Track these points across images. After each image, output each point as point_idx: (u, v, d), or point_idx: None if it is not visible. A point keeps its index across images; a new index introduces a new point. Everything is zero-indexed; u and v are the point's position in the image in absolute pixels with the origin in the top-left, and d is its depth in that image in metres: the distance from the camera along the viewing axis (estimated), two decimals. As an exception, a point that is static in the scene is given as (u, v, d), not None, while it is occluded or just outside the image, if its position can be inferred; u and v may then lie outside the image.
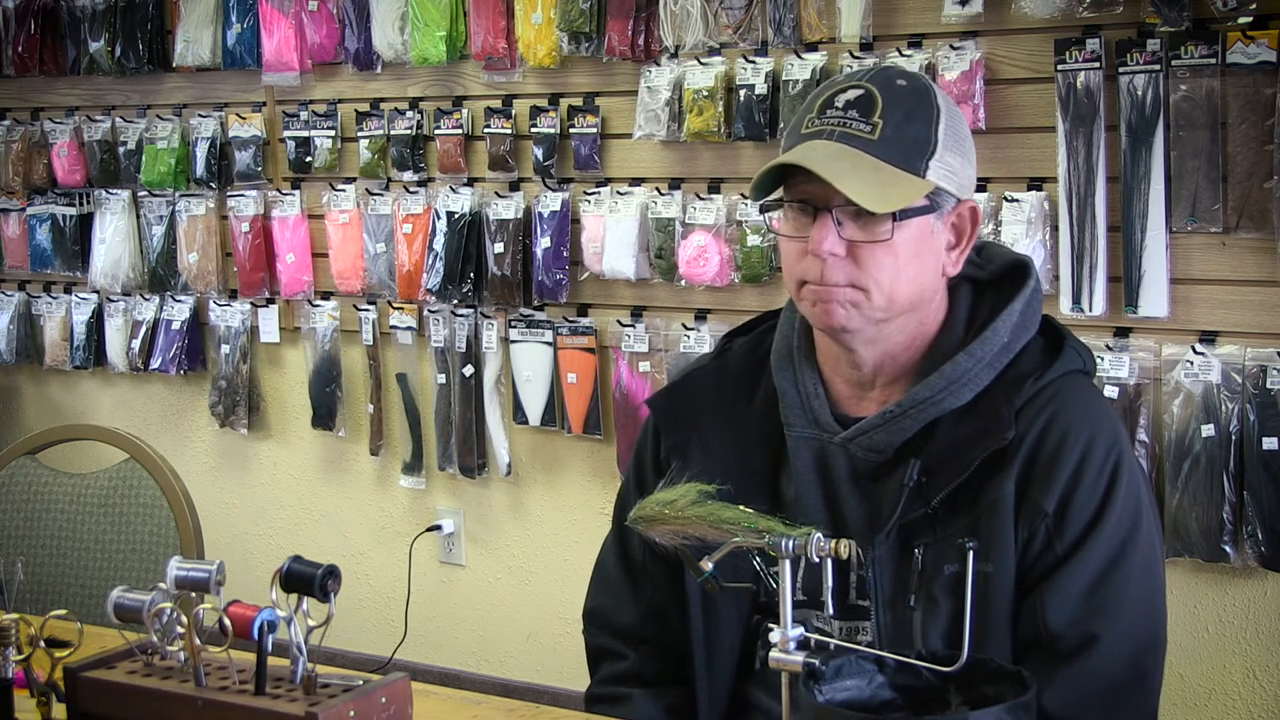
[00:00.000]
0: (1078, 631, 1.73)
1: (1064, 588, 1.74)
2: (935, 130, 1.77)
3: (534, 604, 4.12)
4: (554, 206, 3.83)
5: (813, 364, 1.90)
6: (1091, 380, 1.89)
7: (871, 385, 1.87)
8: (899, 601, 1.78)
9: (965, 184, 1.82)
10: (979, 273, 1.89)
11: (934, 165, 1.76)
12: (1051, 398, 1.79)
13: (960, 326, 1.85)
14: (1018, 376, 1.81)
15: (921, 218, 1.77)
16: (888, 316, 1.79)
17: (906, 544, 1.78)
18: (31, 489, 2.80)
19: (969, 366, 1.80)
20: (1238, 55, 2.95)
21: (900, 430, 1.81)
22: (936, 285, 1.84)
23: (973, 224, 1.84)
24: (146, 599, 1.74)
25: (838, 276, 1.77)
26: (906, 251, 1.77)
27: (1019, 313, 1.83)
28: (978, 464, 1.75)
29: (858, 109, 1.76)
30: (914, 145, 1.76)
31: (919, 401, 1.80)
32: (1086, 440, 1.77)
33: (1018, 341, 1.83)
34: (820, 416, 1.87)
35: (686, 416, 1.96)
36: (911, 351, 1.84)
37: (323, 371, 4.30)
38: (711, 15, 3.53)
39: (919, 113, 1.77)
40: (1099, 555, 1.74)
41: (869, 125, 1.75)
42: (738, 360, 1.99)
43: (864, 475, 1.83)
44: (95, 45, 4.46)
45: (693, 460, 1.90)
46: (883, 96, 1.76)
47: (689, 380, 2.01)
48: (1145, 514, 1.79)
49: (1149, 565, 1.79)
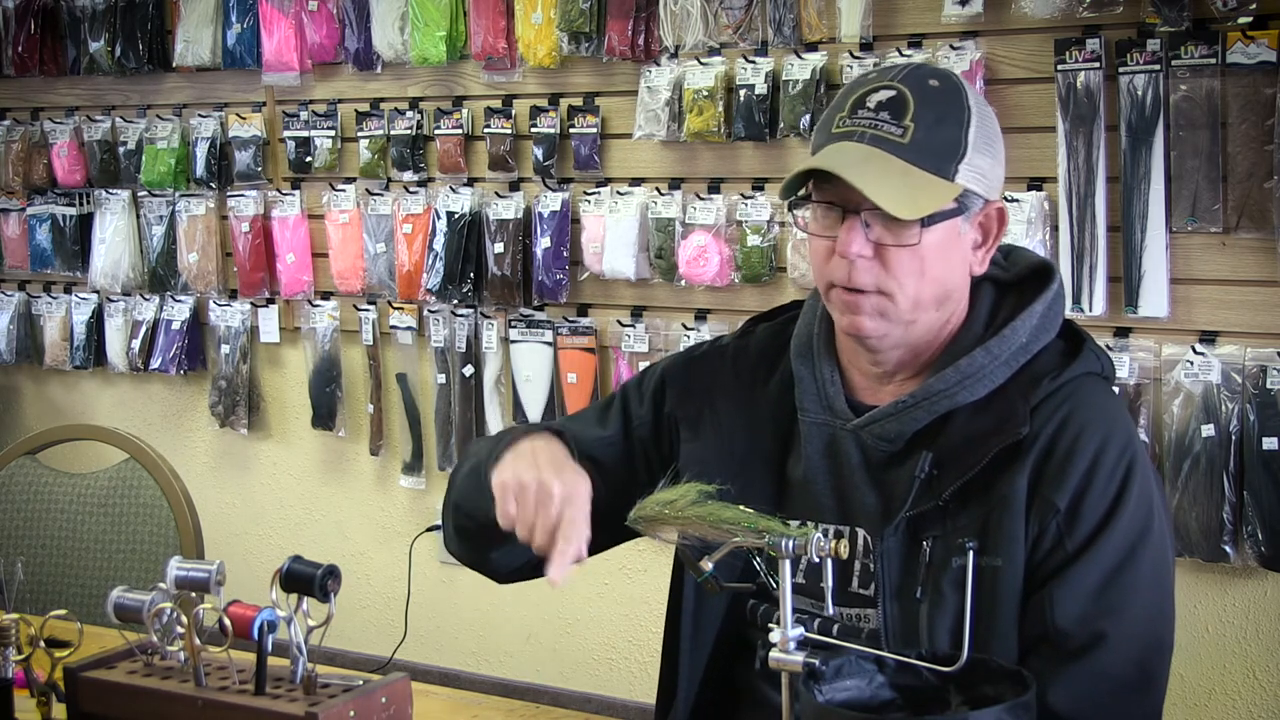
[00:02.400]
0: (1085, 630, 1.73)
1: (1073, 585, 1.74)
2: (966, 133, 1.76)
3: (534, 604, 4.12)
4: (554, 206, 3.83)
5: (831, 353, 1.91)
6: (1110, 384, 1.89)
7: (890, 378, 1.87)
8: (906, 593, 1.78)
9: (994, 185, 1.82)
10: (1003, 274, 1.90)
11: (964, 169, 1.76)
12: (1067, 397, 1.79)
13: (980, 325, 1.85)
14: (1034, 375, 1.81)
15: (950, 220, 1.77)
16: (914, 318, 1.80)
17: (915, 536, 1.78)
18: (31, 489, 2.80)
19: (985, 363, 1.80)
20: (1238, 55, 2.95)
21: (912, 420, 1.81)
22: (963, 284, 1.84)
23: (999, 224, 1.84)
24: (146, 599, 1.75)
25: (865, 280, 1.77)
26: (933, 254, 1.77)
27: (1039, 315, 1.83)
28: (990, 459, 1.75)
29: (889, 110, 1.75)
30: (945, 148, 1.75)
31: (932, 394, 1.80)
32: (1101, 440, 1.76)
33: (1036, 343, 1.83)
34: (834, 403, 1.87)
35: (702, 389, 1.97)
36: (933, 348, 1.85)
37: (323, 371, 4.30)
38: (711, 15, 3.53)
39: (951, 115, 1.76)
40: (1109, 554, 1.74)
41: (900, 128, 1.74)
42: (759, 343, 2.00)
43: (875, 464, 1.84)
44: (95, 45, 4.46)
45: (703, 433, 1.91)
46: (915, 98, 1.76)
47: (708, 355, 2.02)
48: (1157, 517, 1.79)
49: (1159, 568, 1.78)
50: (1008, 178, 3.34)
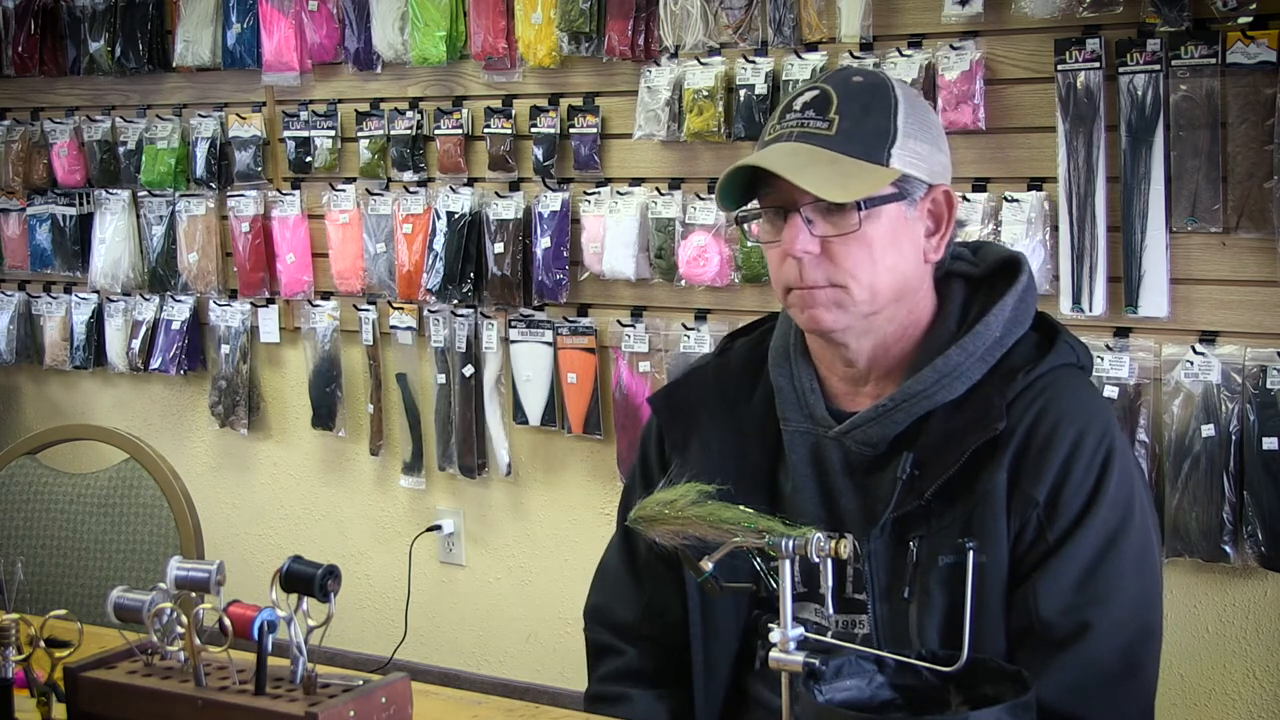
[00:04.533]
0: (1070, 620, 1.74)
1: (1056, 576, 1.75)
2: (894, 119, 1.80)
3: (534, 604, 4.12)
4: (554, 206, 3.83)
5: (808, 361, 1.92)
6: (1087, 375, 1.90)
7: (865, 380, 1.88)
8: (894, 594, 1.79)
9: (937, 170, 1.85)
10: (973, 270, 1.91)
11: (897, 153, 1.79)
12: (1043, 390, 1.81)
13: (953, 322, 1.86)
14: (1010, 370, 1.82)
15: (892, 206, 1.80)
16: (874, 309, 1.82)
17: (901, 537, 1.79)
18: (31, 489, 2.80)
19: (961, 360, 1.81)
20: (1238, 55, 2.95)
21: (893, 424, 1.82)
22: (920, 273, 1.85)
23: (949, 208, 1.86)
24: (146, 599, 1.74)
25: (816, 276, 1.80)
26: (881, 242, 1.79)
27: (1011, 307, 1.85)
28: (969, 455, 1.76)
29: (814, 108, 1.81)
30: (874, 136, 1.79)
31: (911, 395, 1.81)
32: (1077, 431, 1.78)
33: (1010, 336, 1.85)
34: (815, 411, 1.88)
35: (687, 414, 1.98)
36: (903, 344, 1.86)
37: (323, 371, 4.30)
38: (711, 15, 3.53)
39: (876, 105, 1.81)
40: (1090, 544, 1.75)
41: (826, 122, 1.79)
42: (738, 360, 2.00)
43: (858, 469, 1.85)
44: (95, 45, 4.46)
45: (692, 457, 1.92)
46: (838, 94, 1.81)
47: (690, 378, 2.03)
48: (1139, 505, 1.80)
49: (1143, 556, 1.79)
50: (1008, 177, 3.33)
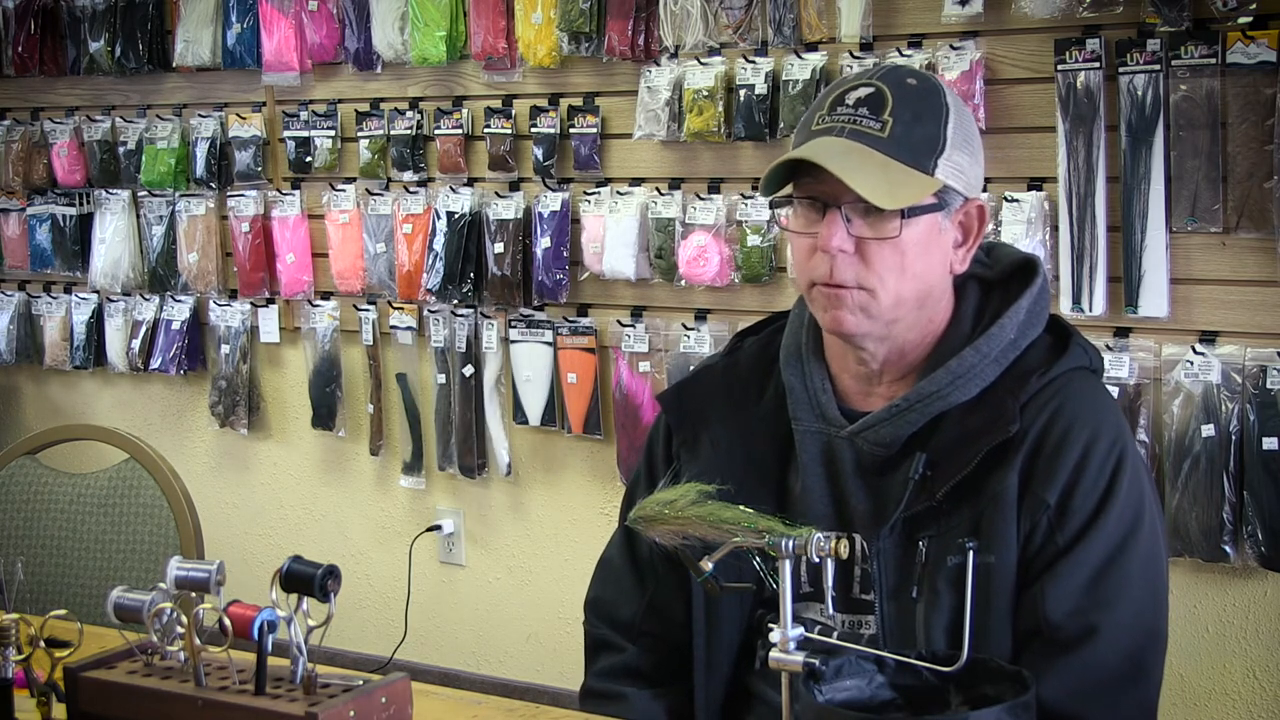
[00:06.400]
0: (1077, 623, 1.74)
1: (1064, 579, 1.74)
2: (944, 129, 1.78)
3: (534, 604, 4.12)
4: (554, 206, 3.83)
5: (820, 360, 1.91)
6: (1099, 378, 1.90)
7: (879, 381, 1.88)
8: (902, 593, 1.79)
9: (973, 183, 1.83)
10: (987, 272, 1.90)
11: (943, 164, 1.78)
12: (1056, 393, 1.80)
13: (967, 324, 1.86)
14: (1023, 372, 1.81)
15: (929, 215, 1.78)
16: (897, 316, 1.81)
17: (911, 536, 1.79)
18: (31, 489, 2.80)
19: (975, 362, 1.81)
20: (1238, 55, 2.95)
21: (906, 424, 1.82)
22: (944, 283, 1.85)
23: (980, 222, 1.85)
24: (146, 599, 1.74)
25: (846, 275, 1.78)
26: (914, 250, 1.78)
27: (1025, 310, 1.84)
28: (982, 457, 1.75)
29: (868, 106, 1.78)
30: (923, 143, 1.77)
31: (925, 396, 1.81)
32: (1090, 435, 1.77)
33: (1024, 339, 1.84)
34: (827, 411, 1.87)
35: (696, 412, 1.97)
36: (920, 349, 1.86)
37: (323, 371, 4.30)
38: (711, 15, 3.53)
39: (929, 111, 1.78)
40: (1100, 548, 1.75)
41: (879, 123, 1.76)
42: (748, 358, 2.00)
43: (870, 469, 1.84)
44: (95, 45, 4.46)
45: (701, 455, 1.91)
46: (893, 95, 1.78)
47: (699, 377, 2.03)
48: (1148, 510, 1.80)
49: (1151, 561, 1.79)
50: (1008, 177, 3.34)
